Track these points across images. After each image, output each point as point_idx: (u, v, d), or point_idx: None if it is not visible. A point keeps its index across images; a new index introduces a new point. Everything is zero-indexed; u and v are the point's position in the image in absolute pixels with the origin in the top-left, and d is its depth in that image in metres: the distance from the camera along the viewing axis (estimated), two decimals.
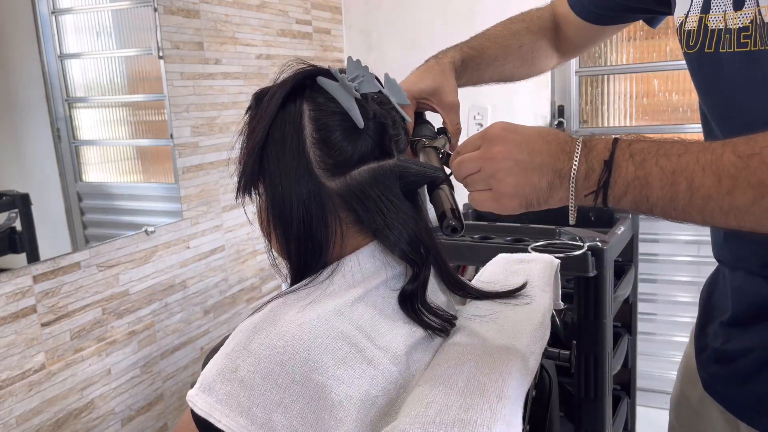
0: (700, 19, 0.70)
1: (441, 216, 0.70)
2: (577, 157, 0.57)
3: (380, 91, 0.73)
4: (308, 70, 0.71)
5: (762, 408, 0.73)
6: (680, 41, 0.75)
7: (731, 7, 0.66)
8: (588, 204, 0.59)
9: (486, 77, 0.98)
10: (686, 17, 0.73)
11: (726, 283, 0.80)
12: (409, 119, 0.76)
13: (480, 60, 0.95)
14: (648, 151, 0.55)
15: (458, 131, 0.86)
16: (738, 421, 0.77)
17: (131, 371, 1.56)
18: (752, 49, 0.64)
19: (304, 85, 0.70)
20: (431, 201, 0.74)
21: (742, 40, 0.65)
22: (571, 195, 0.58)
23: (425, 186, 0.74)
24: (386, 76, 0.76)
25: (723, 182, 0.52)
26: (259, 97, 0.73)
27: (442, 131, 0.87)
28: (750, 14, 0.64)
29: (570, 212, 0.60)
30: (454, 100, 0.86)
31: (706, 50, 0.71)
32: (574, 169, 0.57)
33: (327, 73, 0.70)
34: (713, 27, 0.69)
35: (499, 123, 0.62)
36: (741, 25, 0.65)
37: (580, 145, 0.58)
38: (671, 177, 0.54)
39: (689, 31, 0.72)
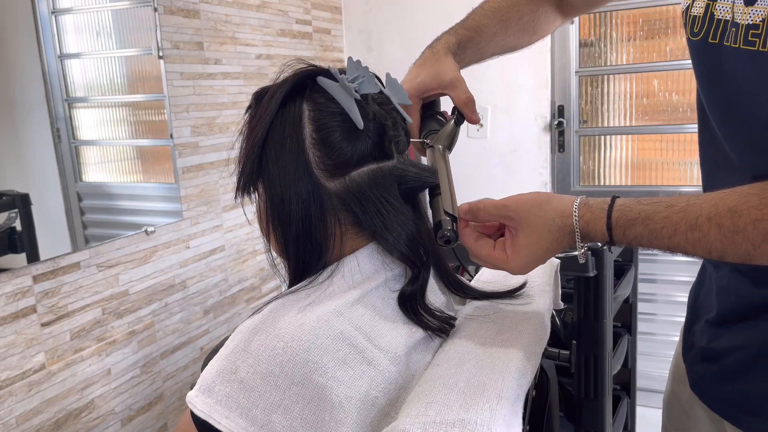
0: (707, 5, 0.68)
1: (436, 225, 0.71)
2: (580, 243, 0.66)
3: (381, 92, 0.73)
4: (308, 70, 0.71)
5: (747, 407, 0.73)
6: (684, 26, 0.73)
7: (741, 1, 0.64)
8: None
9: (488, 54, 0.96)
10: (693, 1, 0.71)
11: (711, 281, 0.80)
12: (410, 120, 0.76)
13: (479, 39, 0.93)
14: (641, 236, 0.62)
15: (468, 101, 0.84)
16: (723, 421, 0.77)
17: (131, 371, 1.56)
18: (760, 49, 0.63)
19: (305, 84, 0.70)
20: (430, 206, 0.74)
21: (749, 38, 0.64)
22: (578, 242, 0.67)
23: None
24: (387, 75, 0.75)
25: (713, 253, 0.59)
26: (259, 97, 0.72)
27: (454, 110, 0.85)
28: (762, 12, 0.62)
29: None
30: (455, 76, 0.84)
31: (710, 40, 0.69)
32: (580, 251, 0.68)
33: (327, 73, 0.70)
34: (720, 17, 0.67)
35: (517, 222, 0.68)
36: (750, 22, 0.63)
37: (579, 238, 0.66)
38: (667, 249, 0.62)
39: (695, 17, 0.71)
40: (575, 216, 0.64)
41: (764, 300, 0.70)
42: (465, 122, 0.85)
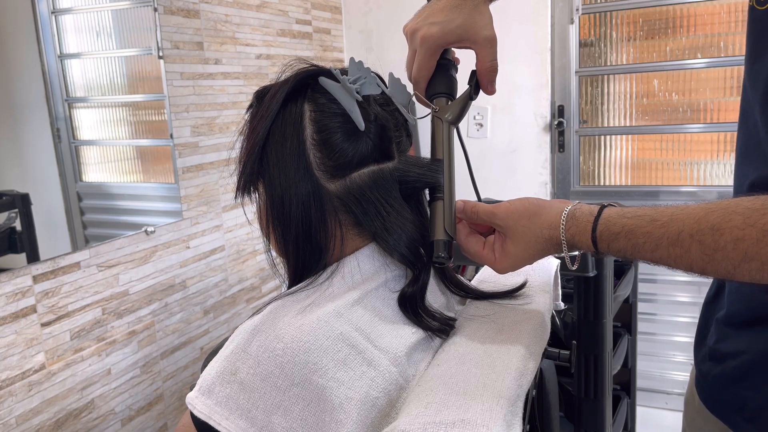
0: None
1: (431, 244, 0.71)
2: (568, 254, 0.68)
3: (383, 93, 0.72)
4: (310, 70, 0.71)
5: (745, 414, 0.72)
6: None
7: None
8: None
9: None
10: None
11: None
12: (413, 120, 0.75)
13: None
14: (625, 249, 0.62)
15: (491, 69, 0.77)
16: (722, 423, 0.77)
17: (131, 371, 1.56)
18: None
19: (306, 84, 0.70)
20: (429, 208, 0.74)
21: None
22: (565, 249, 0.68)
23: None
24: (390, 75, 0.75)
25: (694, 269, 0.59)
26: (261, 96, 0.72)
27: (472, 76, 0.79)
28: None
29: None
30: (489, 34, 0.76)
31: None
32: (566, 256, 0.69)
33: (329, 74, 0.70)
34: None
35: (507, 230, 0.70)
36: None
37: (566, 249, 0.67)
38: (651, 262, 0.62)
39: None
40: (562, 229, 0.66)
41: None
42: (462, 122, 0.82)
